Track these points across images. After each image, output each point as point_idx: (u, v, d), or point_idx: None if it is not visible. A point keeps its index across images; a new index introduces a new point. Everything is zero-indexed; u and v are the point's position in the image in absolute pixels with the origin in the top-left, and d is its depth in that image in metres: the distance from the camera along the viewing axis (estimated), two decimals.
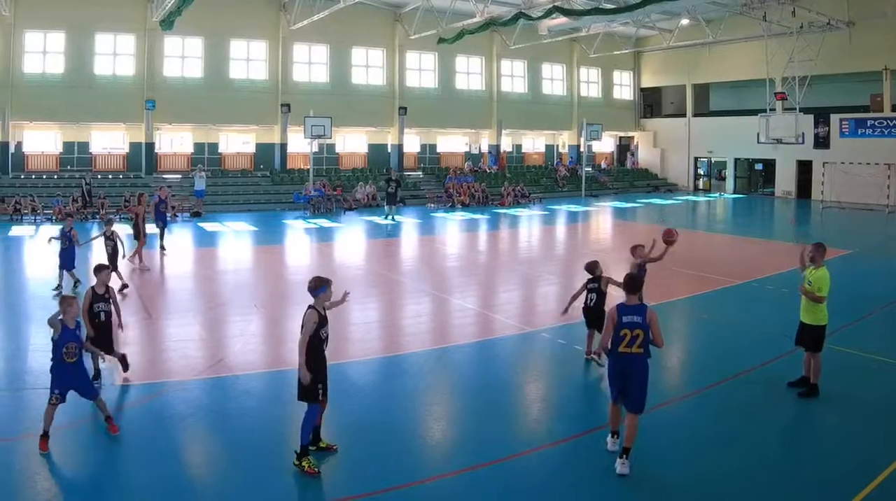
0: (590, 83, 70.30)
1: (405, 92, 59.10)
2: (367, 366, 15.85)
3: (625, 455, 10.84)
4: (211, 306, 21.42)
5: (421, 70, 60.75)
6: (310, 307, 11.08)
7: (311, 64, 56.13)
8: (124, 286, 22.24)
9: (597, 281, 15.20)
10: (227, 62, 52.85)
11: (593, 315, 15.29)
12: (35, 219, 41.49)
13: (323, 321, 11.05)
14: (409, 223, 43.60)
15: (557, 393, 14.34)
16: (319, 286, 11.20)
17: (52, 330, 11.61)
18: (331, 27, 52.32)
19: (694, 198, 62.26)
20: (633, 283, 11.52)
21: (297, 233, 39.37)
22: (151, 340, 17.79)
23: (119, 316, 14.50)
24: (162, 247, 30.41)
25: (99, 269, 14.67)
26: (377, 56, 58.76)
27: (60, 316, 11.57)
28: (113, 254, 22.79)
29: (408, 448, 11.65)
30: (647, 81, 72.77)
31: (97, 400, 11.99)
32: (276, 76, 54.02)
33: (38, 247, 31.97)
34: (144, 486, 10.28)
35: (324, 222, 43.22)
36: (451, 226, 42.38)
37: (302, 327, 10.99)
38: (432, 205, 52.78)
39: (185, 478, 10.63)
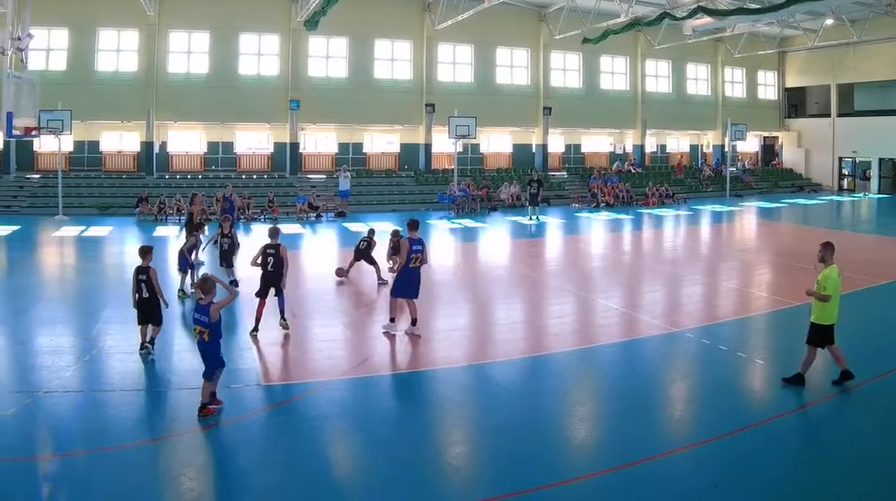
0: (734, 83, 61.43)
1: (550, 92, 51.68)
2: (511, 367, 14.43)
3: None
4: (356, 306, 19.79)
5: (565, 70, 53.22)
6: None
7: (455, 64, 49.58)
8: (234, 282, 20.44)
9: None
10: (371, 62, 47.08)
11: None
12: (179, 220, 35.91)
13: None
14: (553, 223, 38.79)
15: (701, 393, 13.14)
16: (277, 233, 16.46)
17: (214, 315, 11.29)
18: (475, 27, 45.97)
19: (838, 198, 54.90)
20: (416, 224, 16.11)
21: (442, 234, 34.92)
22: (296, 340, 16.14)
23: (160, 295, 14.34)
24: None
25: (144, 252, 14.49)
26: (521, 56, 51.57)
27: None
28: (229, 251, 20.91)
29: (553, 448, 10.57)
30: (792, 81, 63.55)
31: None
32: (421, 76, 47.91)
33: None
34: (288, 486, 9.31)
35: (468, 222, 38.60)
36: (596, 226, 37.69)
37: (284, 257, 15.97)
38: (576, 205, 46.51)
39: (329, 478, 9.68)
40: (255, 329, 15.72)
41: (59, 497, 8.84)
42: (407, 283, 15.76)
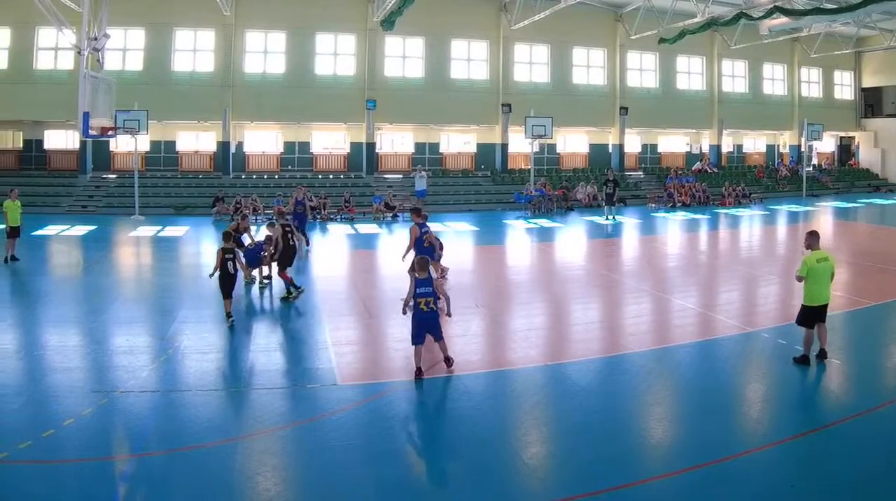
0: (810, 83, 55.83)
1: (626, 92, 46.87)
2: (588, 366, 13.12)
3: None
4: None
5: (642, 70, 48.34)
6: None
7: (531, 64, 44.98)
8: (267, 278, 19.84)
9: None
10: (447, 62, 42.99)
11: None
12: (255, 220, 32.55)
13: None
14: (629, 223, 35.63)
15: (777, 393, 11.81)
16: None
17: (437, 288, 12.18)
18: (551, 27, 41.86)
19: None
20: (420, 211, 18.01)
21: (518, 233, 32.55)
22: (373, 340, 15.16)
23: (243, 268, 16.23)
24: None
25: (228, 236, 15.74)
26: (598, 56, 46.79)
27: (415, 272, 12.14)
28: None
29: (629, 448, 9.57)
30: (868, 81, 57.82)
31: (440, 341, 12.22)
32: (497, 76, 43.57)
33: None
34: (364, 486, 8.66)
35: (544, 222, 35.49)
36: (672, 226, 34.69)
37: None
38: (653, 205, 42.36)
39: (406, 478, 8.92)
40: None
41: (136, 497, 8.33)
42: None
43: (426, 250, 16.73)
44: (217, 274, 15.33)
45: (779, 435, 10.11)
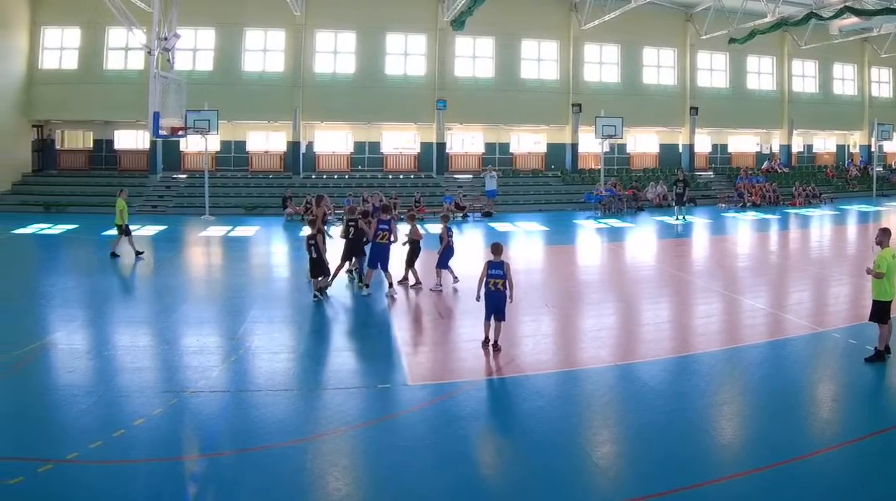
0: (881, 83, 51.57)
1: (696, 92, 43.39)
2: (658, 366, 12.35)
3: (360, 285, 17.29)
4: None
5: (712, 70, 44.87)
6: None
7: (601, 64, 41.72)
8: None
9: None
10: (517, 62, 40.03)
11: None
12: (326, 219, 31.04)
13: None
14: (699, 223, 33.53)
15: (847, 393, 11.19)
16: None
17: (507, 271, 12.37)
18: (621, 27, 38.67)
19: None
20: (385, 208, 17.75)
21: (588, 233, 30.84)
22: (444, 340, 14.09)
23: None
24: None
25: (311, 223, 16.58)
26: (668, 56, 43.41)
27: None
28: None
29: (699, 448, 9.11)
30: None
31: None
32: (567, 76, 40.46)
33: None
34: (435, 486, 8.26)
35: (614, 222, 33.44)
36: (742, 226, 32.74)
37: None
38: (723, 205, 39.53)
39: (477, 478, 8.56)
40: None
41: (206, 498, 7.85)
42: (377, 256, 16.93)
43: (381, 246, 16.94)
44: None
45: (850, 435, 9.65)
